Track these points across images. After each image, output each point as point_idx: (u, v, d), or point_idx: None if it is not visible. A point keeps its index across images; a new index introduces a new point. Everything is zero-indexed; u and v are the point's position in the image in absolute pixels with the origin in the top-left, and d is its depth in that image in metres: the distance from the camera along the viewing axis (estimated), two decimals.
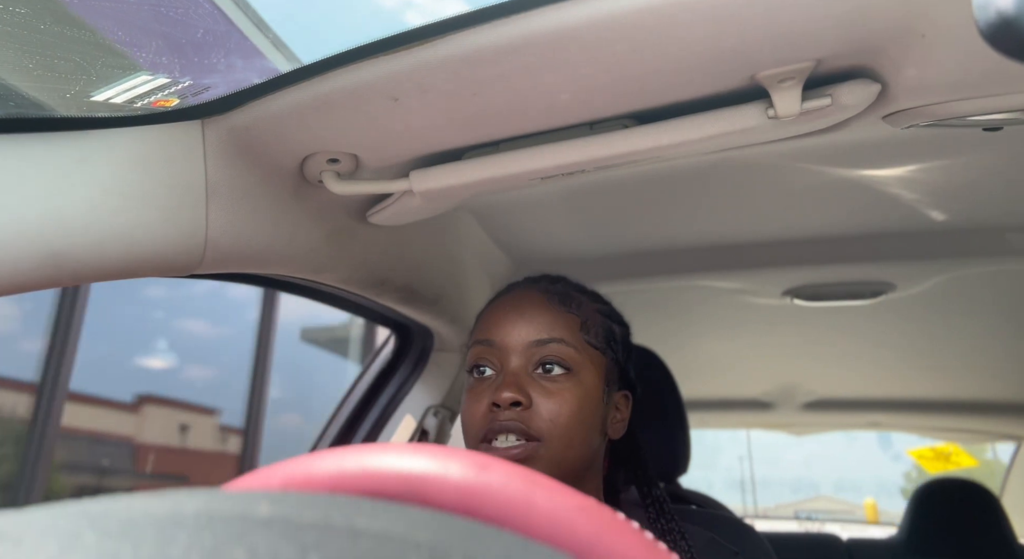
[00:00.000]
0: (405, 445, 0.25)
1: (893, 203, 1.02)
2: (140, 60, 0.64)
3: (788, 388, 2.25)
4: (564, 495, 0.23)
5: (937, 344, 1.70)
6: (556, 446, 0.70)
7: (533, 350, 0.73)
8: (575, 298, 0.78)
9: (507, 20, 0.52)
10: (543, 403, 0.70)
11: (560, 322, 0.74)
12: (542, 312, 0.75)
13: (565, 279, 0.84)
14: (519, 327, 0.74)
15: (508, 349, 0.74)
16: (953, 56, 0.54)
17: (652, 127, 0.65)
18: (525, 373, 0.73)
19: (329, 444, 1.30)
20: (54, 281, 0.57)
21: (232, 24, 0.73)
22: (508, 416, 0.69)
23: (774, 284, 1.33)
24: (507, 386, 0.71)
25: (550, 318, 0.74)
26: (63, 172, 0.56)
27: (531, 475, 0.24)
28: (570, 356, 0.73)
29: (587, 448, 0.73)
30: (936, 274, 1.23)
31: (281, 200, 0.77)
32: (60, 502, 0.19)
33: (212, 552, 0.16)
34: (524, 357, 0.73)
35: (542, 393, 0.71)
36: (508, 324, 0.75)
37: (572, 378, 0.72)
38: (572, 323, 0.75)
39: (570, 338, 0.74)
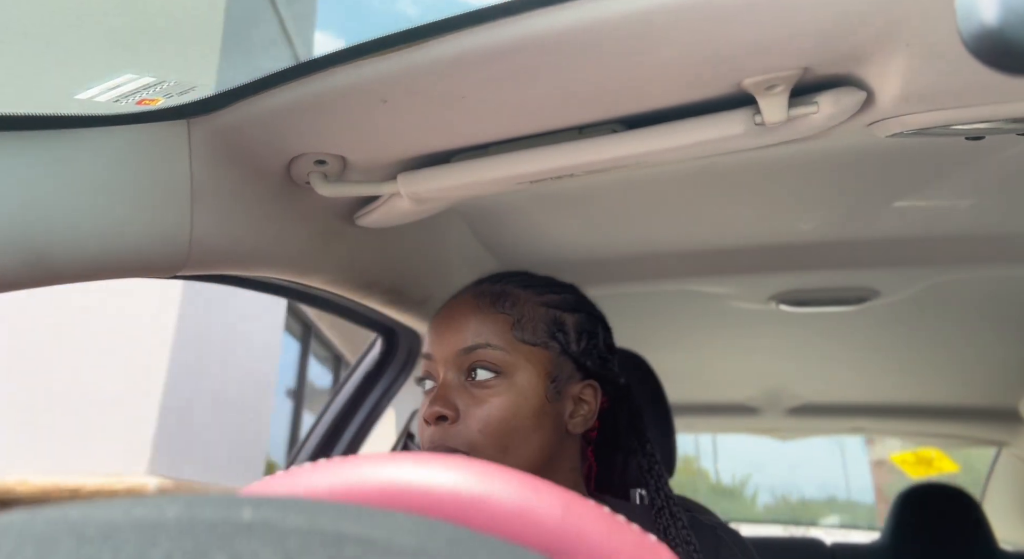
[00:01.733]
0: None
1: (878, 210, 1.03)
2: (126, 58, 0.64)
3: (773, 393, 2.26)
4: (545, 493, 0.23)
5: (920, 350, 1.71)
6: (487, 454, 0.68)
7: (461, 359, 0.72)
8: (510, 296, 0.75)
9: (497, 23, 0.52)
10: (472, 412, 0.69)
11: (487, 325, 0.72)
12: (468, 318, 0.73)
13: (519, 274, 0.81)
14: (447, 337, 0.73)
15: (440, 361, 0.73)
16: (937, 66, 0.55)
17: (640, 132, 0.65)
18: (458, 384, 0.72)
19: (314, 447, 1.29)
20: (37, 281, 0.56)
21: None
22: (433, 434, 0.69)
23: (760, 289, 1.34)
24: (433, 400, 0.70)
25: (476, 323, 0.73)
26: (46, 171, 0.56)
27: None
28: (497, 358, 0.71)
29: (530, 451, 0.70)
30: (920, 280, 1.25)
31: (268, 201, 0.76)
32: (39, 507, 0.19)
33: (194, 557, 0.16)
34: (455, 367, 0.72)
35: (471, 402, 0.70)
36: (438, 335, 0.75)
37: (503, 381, 0.70)
38: (502, 323, 0.73)
39: (497, 340, 0.72)
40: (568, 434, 0.74)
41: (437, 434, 0.69)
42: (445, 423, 0.69)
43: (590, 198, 1.04)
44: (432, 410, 0.69)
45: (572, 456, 0.76)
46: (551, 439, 0.72)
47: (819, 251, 1.17)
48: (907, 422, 2.38)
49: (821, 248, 1.17)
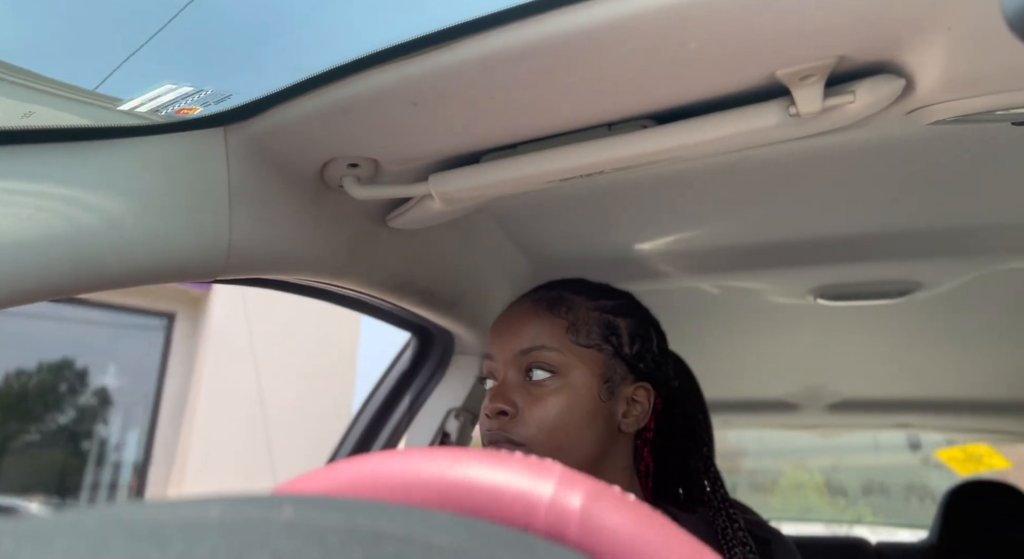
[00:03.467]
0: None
1: (919, 200, 1.00)
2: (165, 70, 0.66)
3: (813, 389, 2.22)
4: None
5: (967, 343, 1.66)
6: (542, 451, 0.72)
7: (520, 359, 0.77)
8: (566, 301, 0.80)
9: (524, 23, 0.52)
10: (529, 409, 0.74)
11: (544, 329, 0.77)
12: (526, 322, 0.79)
13: (574, 281, 0.85)
14: (507, 339, 0.79)
15: (501, 360, 0.79)
16: (980, 49, 0.53)
17: (671, 127, 0.65)
18: (517, 382, 0.77)
19: (352, 446, 1.31)
20: (83, 287, 0.58)
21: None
22: (493, 426, 0.74)
23: (798, 284, 1.32)
24: (493, 397, 0.75)
25: (533, 326, 0.78)
26: (89, 181, 0.57)
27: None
28: (553, 359, 0.75)
29: (583, 448, 0.74)
30: (964, 272, 1.21)
31: (302, 205, 0.77)
32: (90, 507, 0.19)
33: (237, 555, 0.16)
34: (514, 367, 0.77)
35: (529, 400, 0.75)
36: (499, 337, 0.80)
37: (558, 381, 0.75)
38: (558, 327, 0.77)
39: (553, 342, 0.76)
40: (621, 433, 0.78)
41: (496, 425, 0.74)
42: (505, 418, 0.74)
43: (621, 195, 1.04)
44: (493, 405, 0.74)
45: (625, 455, 0.79)
46: (604, 437, 0.75)
47: (858, 244, 1.14)
48: (954, 417, 2.31)
49: (860, 241, 1.14)
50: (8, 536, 0.17)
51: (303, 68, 0.59)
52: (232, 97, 0.66)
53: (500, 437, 0.73)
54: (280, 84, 0.62)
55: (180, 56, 0.62)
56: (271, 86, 0.62)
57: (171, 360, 5.45)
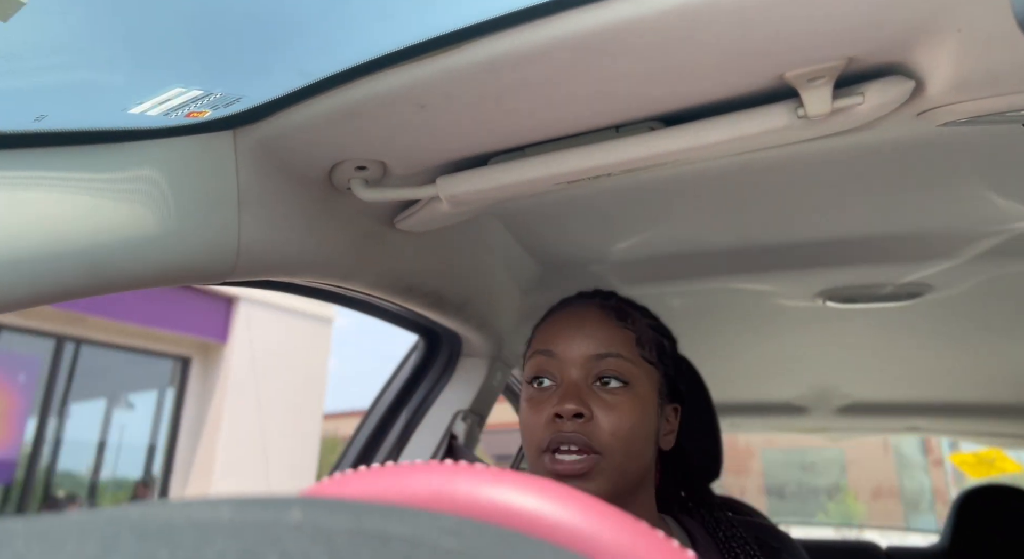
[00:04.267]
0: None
1: (929, 202, 0.99)
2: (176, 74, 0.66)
3: (822, 392, 2.20)
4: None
5: (978, 346, 1.65)
6: (616, 459, 0.71)
7: (592, 364, 0.75)
8: (630, 314, 0.80)
9: (531, 25, 0.52)
10: (603, 416, 0.72)
11: (617, 337, 0.76)
12: (601, 327, 0.77)
13: (617, 294, 0.85)
14: (578, 340, 0.76)
15: (568, 361, 0.75)
16: (990, 50, 0.53)
17: (679, 129, 0.65)
18: (585, 385, 0.74)
19: (359, 449, 1.31)
20: (94, 289, 0.59)
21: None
22: (571, 428, 0.71)
23: (807, 286, 1.31)
24: (569, 398, 0.72)
25: (608, 333, 0.76)
26: (100, 184, 0.58)
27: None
28: (628, 370, 0.74)
29: (643, 460, 0.74)
30: (975, 274, 1.20)
31: (311, 208, 0.78)
32: (101, 508, 0.19)
33: (246, 556, 0.16)
34: (584, 370, 0.75)
35: (602, 406, 0.72)
36: (568, 337, 0.77)
37: (630, 391, 0.74)
38: (628, 338, 0.77)
39: (627, 352, 0.75)
40: (657, 450, 0.79)
41: (571, 427, 0.71)
42: (580, 420, 0.71)
43: (629, 197, 1.04)
44: (569, 407, 0.71)
45: (653, 469, 0.80)
46: (653, 453, 0.77)
47: (867, 246, 1.14)
48: (965, 421, 2.29)
49: (870, 243, 1.13)
50: (19, 536, 0.17)
51: (312, 72, 0.59)
52: (241, 100, 0.66)
53: (578, 440, 0.70)
54: (289, 87, 0.63)
55: (190, 60, 0.62)
56: (280, 89, 0.63)
57: (188, 392, 7.02)
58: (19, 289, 0.52)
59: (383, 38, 0.55)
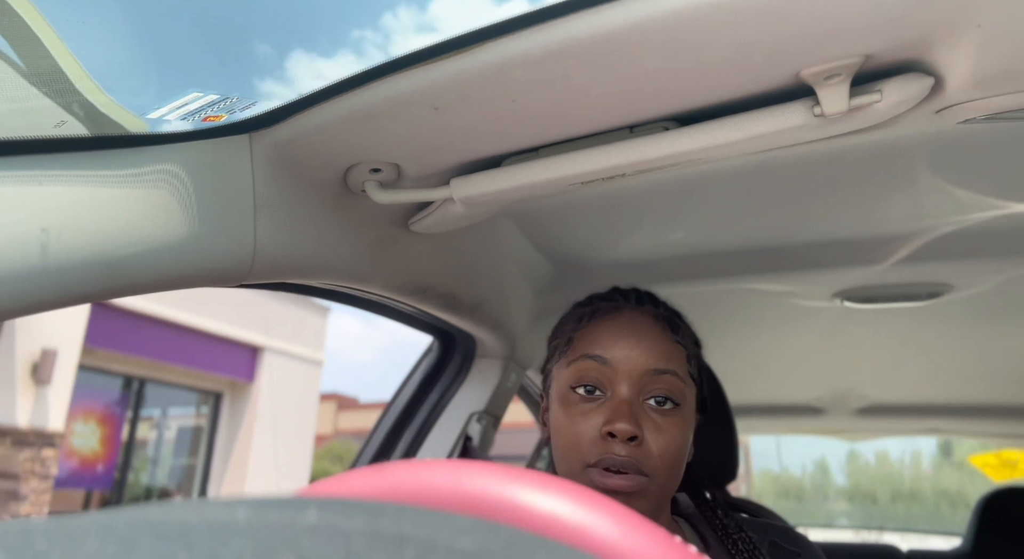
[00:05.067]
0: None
1: (948, 201, 0.98)
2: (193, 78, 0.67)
3: (840, 393, 2.18)
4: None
5: (998, 346, 1.62)
6: (663, 481, 0.69)
7: (648, 379, 0.71)
8: (680, 326, 0.76)
9: (544, 26, 0.52)
10: (654, 438, 0.68)
11: (674, 353, 0.73)
12: (659, 340, 0.73)
13: (660, 300, 0.81)
14: (636, 352, 0.71)
15: (623, 373, 0.71)
16: (1011, 46, 0.52)
17: (694, 129, 0.64)
18: (637, 403, 0.70)
19: (375, 450, 1.32)
20: (112, 292, 0.60)
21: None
22: (624, 451, 0.67)
23: (824, 286, 1.30)
24: (624, 417, 0.68)
25: (666, 347, 0.72)
26: (117, 187, 0.59)
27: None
28: (680, 390, 0.72)
29: (681, 477, 0.72)
30: (996, 273, 1.18)
31: (326, 210, 0.78)
32: (120, 508, 0.20)
33: (262, 556, 0.16)
34: (638, 385, 0.71)
35: (653, 428, 0.69)
36: (625, 346, 0.72)
37: (679, 412, 0.71)
38: (681, 354, 0.74)
39: (681, 371, 0.72)
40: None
41: (625, 451, 0.67)
42: (634, 442, 0.68)
43: (643, 197, 1.03)
44: (625, 428, 0.67)
45: None
46: (684, 469, 0.74)
47: (886, 245, 1.12)
48: (987, 422, 2.25)
49: (888, 242, 1.12)
50: (40, 535, 0.17)
51: (326, 75, 0.60)
52: (257, 104, 0.67)
53: (630, 465, 0.66)
54: (304, 90, 0.63)
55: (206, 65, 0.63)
56: (295, 92, 0.63)
57: (220, 421, 9.18)
58: (41, 293, 0.53)
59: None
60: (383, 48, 11.26)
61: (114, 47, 0.63)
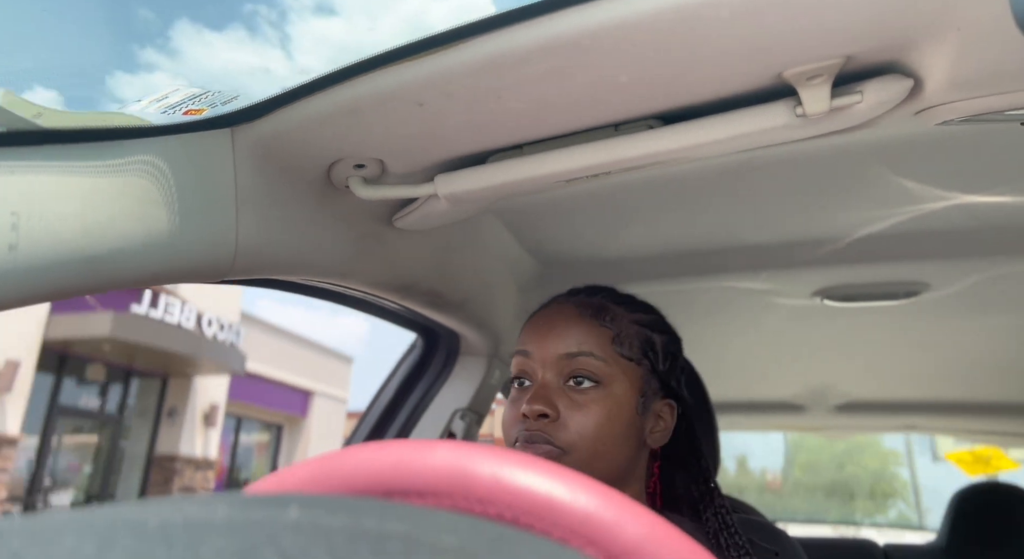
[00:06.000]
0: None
1: (927, 201, 0.99)
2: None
3: (820, 390, 2.21)
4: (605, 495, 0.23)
5: (975, 344, 1.65)
6: (582, 457, 0.71)
7: (563, 363, 0.75)
8: (610, 310, 0.79)
9: (530, 23, 0.52)
10: (571, 416, 0.73)
11: (591, 335, 0.76)
12: (573, 325, 0.77)
13: (608, 290, 0.84)
14: (550, 340, 0.77)
15: (539, 360, 0.77)
16: (988, 49, 0.53)
17: (677, 127, 0.65)
18: (556, 385, 0.75)
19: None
20: (90, 288, 0.59)
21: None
22: (535, 427, 0.72)
23: (804, 284, 1.31)
24: (535, 398, 0.73)
25: (581, 331, 0.76)
26: (97, 181, 0.58)
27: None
28: (599, 369, 0.74)
29: (617, 459, 0.74)
30: (972, 273, 1.20)
31: (309, 206, 0.78)
32: (97, 506, 0.19)
33: (243, 554, 0.16)
34: (555, 369, 0.76)
35: (571, 406, 0.73)
36: (541, 337, 0.78)
37: (601, 391, 0.74)
38: (603, 336, 0.76)
39: (600, 351, 0.75)
40: (645, 448, 0.78)
41: (536, 426, 0.72)
42: (545, 420, 0.73)
43: (627, 196, 1.04)
44: (535, 407, 0.72)
45: (641, 469, 0.80)
46: (633, 451, 0.76)
47: (865, 244, 1.14)
48: (962, 419, 2.29)
49: (867, 241, 1.13)
50: (16, 534, 0.17)
51: (309, 69, 0.59)
52: (239, 98, 0.66)
53: (540, 438, 0.71)
54: (287, 85, 0.62)
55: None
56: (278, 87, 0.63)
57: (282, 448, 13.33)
58: (17, 288, 0.52)
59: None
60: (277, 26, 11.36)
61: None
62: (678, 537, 0.23)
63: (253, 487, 0.27)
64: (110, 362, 9.07)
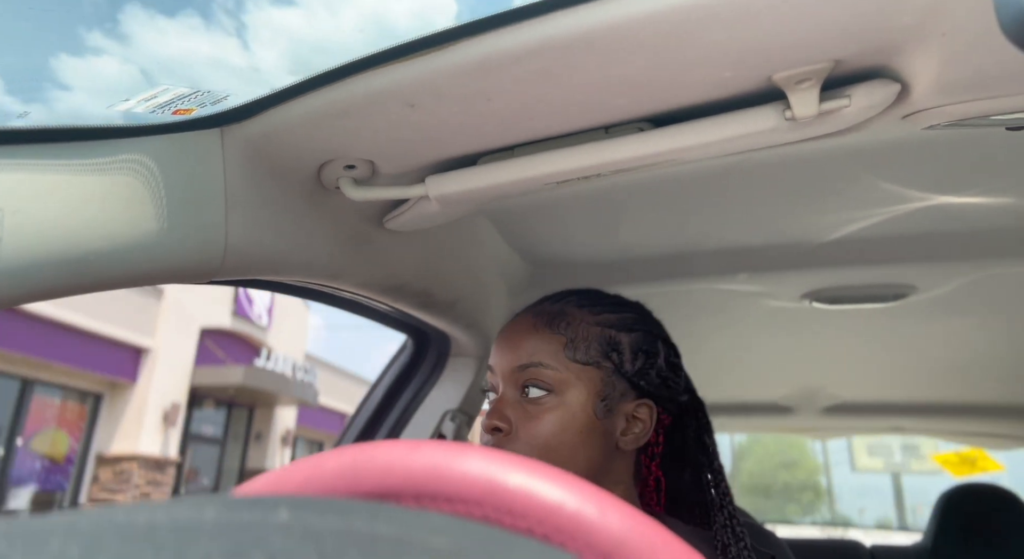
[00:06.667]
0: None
1: (914, 204, 1.00)
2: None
3: (808, 392, 2.22)
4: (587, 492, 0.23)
5: (961, 346, 1.67)
6: None
7: (517, 375, 0.77)
8: (567, 316, 0.78)
9: (522, 25, 0.52)
10: (523, 427, 0.74)
11: (542, 345, 0.77)
12: (525, 337, 0.78)
13: (578, 293, 0.83)
14: (505, 354, 0.79)
15: (500, 374, 0.79)
16: (974, 54, 0.53)
17: (667, 130, 0.65)
18: (513, 398, 0.77)
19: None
20: (77, 288, 0.58)
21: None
22: (491, 441, 0.75)
23: (792, 287, 1.32)
24: (491, 413, 0.76)
25: (532, 343, 0.77)
26: (84, 181, 0.57)
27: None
28: (549, 377, 0.75)
29: (576, 465, 0.73)
30: (959, 276, 1.21)
31: (299, 206, 0.77)
32: (85, 509, 0.19)
33: (231, 556, 0.16)
34: (511, 383, 0.77)
35: (524, 417, 0.75)
36: (499, 350, 0.80)
37: (554, 398, 0.74)
38: (555, 343, 0.76)
39: (550, 359, 0.76)
40: (618, 450, 0.77)
41: (492, 441, 0.75)
42: (499, 434, 0.75)
43: (618, 198, 1.04)
44: (489, 422, 0.75)
45: (621, 472, 0.78)
46: (599, 455, 0.75)
47: (853, 247, 1.15)
48: (948, 421, 2.32)
49: (855, 244, 1.14)
50: (2, 537, 0.17)
51: (300, 70, 0.59)
52: (229, 98, 0.66)
53: None
54: (277, 85, 0.62)
55: None
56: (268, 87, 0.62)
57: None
58: (0, 287, 0.51)
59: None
60: (234, 15, 11.15)
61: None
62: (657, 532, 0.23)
63: (276, 471, 0.27)
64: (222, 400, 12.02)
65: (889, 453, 7.89)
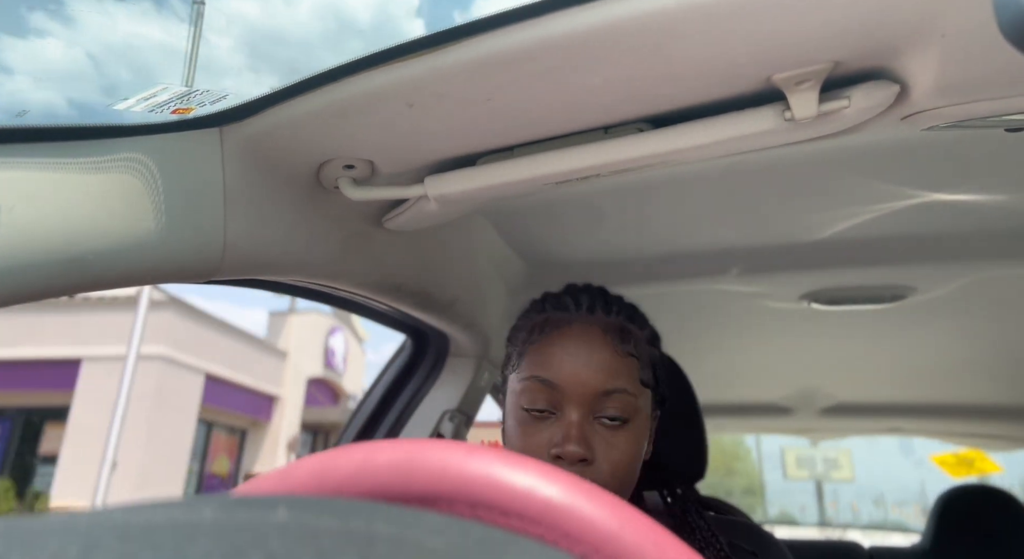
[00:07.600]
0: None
1: (913, 205, 1.01)
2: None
3: (807, 393, 2.22)
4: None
5: (960, 348, 1.67)
6: (613, 491, 0.69)
7: (598, 401, 0.70)
8: (632, 335, 0.75)
9: (521, 25, 0.52)
10: (605, 455, 0.69)
11: (623, 369, 0.72)
12: (606, 358, 0.71)
13: (619, 302, 0.79)
14: (584, 374, 0.70)
15: (572, 396, 0.70)
16: (974, 56, 0.53)
17: (667, 131, 0.65)
18: (587, 423, 0.70)
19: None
20: (75, 287, 0.58)
21: None
22: (574, 471, 0.67)
23: (791, 288, 1.32)
24: (573, 440, 0.68)
25: (615, 365, 0.71)
26: (83, 180, 0.57)
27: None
28: (630, 405, 0.71)
29: (635, 482, 0.72)
30: (958, 277, 1.21)
31: (298, 206, 0.77)
32: (83, 509, 0.19)
33: (229, 557, 0.16)
34: (586, 405, 0.70)
35: (604, 446, 0.69)
36: (571, 368, 0.71)
37: (630, 426, 0.71)
38: (632, 367, 0.72)
39: (631, 386, 0.71)
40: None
41: (578, 472, 0.67)
42: (584, 464, 0.68)
43: (617, 198, 1.04)
44: (574, 451, 0.67)
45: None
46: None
47: (852, 248, 1.15)
48: (947, 422, 2.32)
49: (854, 245, 1.14)
50: (0, 537, 0.17)
51: (299, 69, 0.59)
52: (228, 97, 0.66)
53: None
54: (276, 85, 0.62)
55: None
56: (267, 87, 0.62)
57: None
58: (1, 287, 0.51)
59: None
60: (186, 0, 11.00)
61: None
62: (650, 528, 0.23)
63: (303, 459, 0.27)
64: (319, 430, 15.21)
65: (813, 465, 10.16)
